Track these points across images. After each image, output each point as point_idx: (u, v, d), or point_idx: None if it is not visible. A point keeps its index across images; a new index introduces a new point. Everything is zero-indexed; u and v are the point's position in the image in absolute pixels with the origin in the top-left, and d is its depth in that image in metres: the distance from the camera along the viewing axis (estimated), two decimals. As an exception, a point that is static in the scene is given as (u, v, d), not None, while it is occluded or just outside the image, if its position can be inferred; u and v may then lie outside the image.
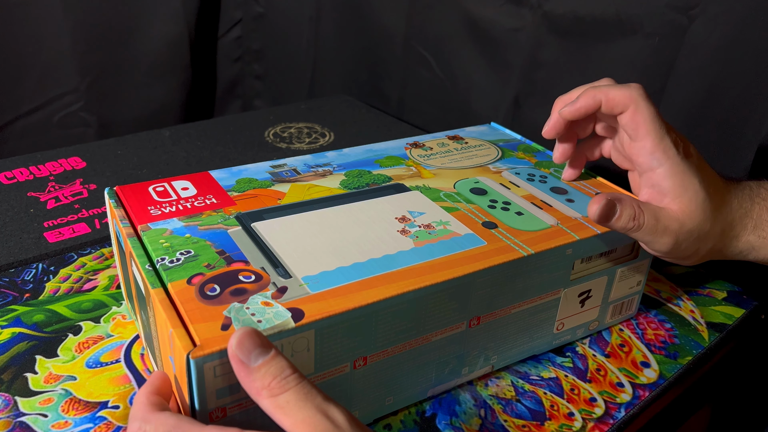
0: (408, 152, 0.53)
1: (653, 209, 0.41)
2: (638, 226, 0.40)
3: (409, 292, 0.35)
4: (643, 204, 0.41)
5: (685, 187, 0.41)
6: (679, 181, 0.41)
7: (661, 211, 0.41)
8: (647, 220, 0.40)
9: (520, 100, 0.76)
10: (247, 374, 0.28)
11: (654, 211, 0.41)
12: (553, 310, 0.44)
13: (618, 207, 0.40)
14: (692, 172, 0.41)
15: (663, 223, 0.41)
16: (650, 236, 0.41)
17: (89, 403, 0.40)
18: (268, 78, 1.12)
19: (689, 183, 0.41)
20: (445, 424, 0.40)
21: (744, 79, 0.56)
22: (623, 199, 0.40)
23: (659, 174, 0.41)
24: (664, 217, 0.41)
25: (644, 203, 0.41)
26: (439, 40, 0.84)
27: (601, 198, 0.40)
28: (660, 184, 0.41)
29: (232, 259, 0.37)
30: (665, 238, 0.41)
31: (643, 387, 0.44)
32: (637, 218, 0.40)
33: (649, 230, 0.41)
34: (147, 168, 0.69)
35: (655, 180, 0.41)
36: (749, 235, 0.43)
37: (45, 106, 0.95)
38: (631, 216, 0.40)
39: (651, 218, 0.40)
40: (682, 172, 0.41)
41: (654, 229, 0.41)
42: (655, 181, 0.41)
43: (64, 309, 0.48)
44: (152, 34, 0.99)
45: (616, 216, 0.40)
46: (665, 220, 0.41)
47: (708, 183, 0.41)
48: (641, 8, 0.62)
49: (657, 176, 0.41)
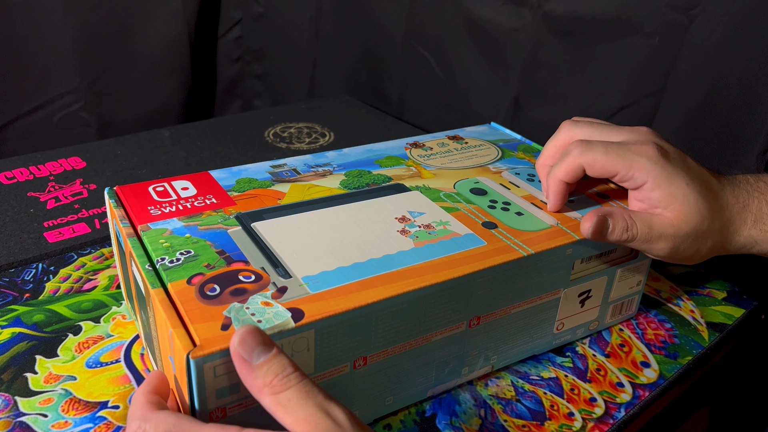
0: (408, 152, 0.53)
1: (645, 218, 0.41)
2: (632, 236, 0.41)
3: (409, 292, 0.35)
4: (634, 214, 0.41)
5: (674, 194, 0.41)
6: (665, 189, 0.41)
7: (654, 218, 0.41)
8: (640, 230, 0.41)
9: (520, 100, 0.76)
10: (248, 372, 0.28)
11: (646, 219, 0.41)
12: (553, 310, 0.44)
13: (610, 222, 0.40)
14: (678, 176, 0.41)
15: (657, 231, 0.41)
16: (646, 244, 0.41)
17: (89, 403, 0.40)
18: (268, 78, 1.12)
19: (676, 189, 0.41)
20: (445, 424, 0.40)
21: (744, 79, 0.56)
22: (614, 213, 0.41)
23: (645, 189, 0.41)
24: (658, 223, 0.41)
25: (636, 213, 0.41)
26: (439, 40, 0.84)
27: (592, 215, 0.40)
28: (648, 197, 0.41)
29: (232, 259, 0.37)
30: (662, 244, 0.41)
31: (643, 387, 0.44)
32: (630, 229, 0.40)
33: (644, 239, 0.41)
34: (147, 168, 0.69)
35: (642, 194, 0.42)
36: (750, 230, 0.43)
37: (45, 106, 0.95)
38: (624, 228, 0.40)
39: (644, 227, 0.41)
40: (667, 179, 0.41)
41: (649, 237, 0.41)
42: (644, 195, 0.42)
43: (64, 309, 0.48)
44: (152, 34, 0.99)
45: (609, 230, 0.40)
46: (659, 226, 0.41)
47: (697, 182, 0.41)
48: (641, 8, 0.62)
49: (643, 192, 0.41)
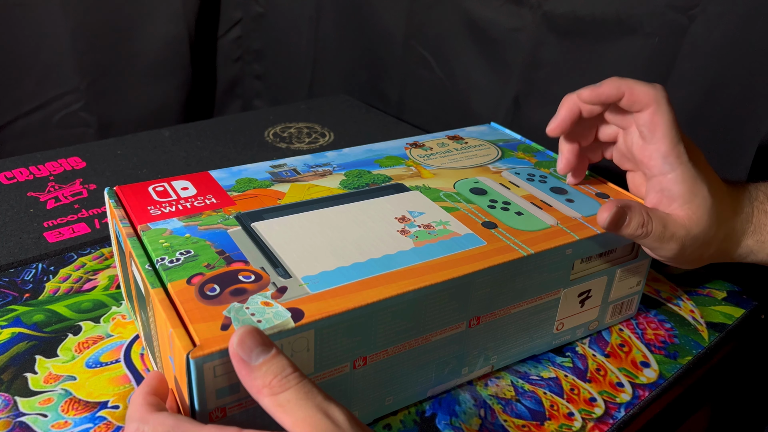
0: (408, 152, 0.53)
1: (661, 216, 0.41)
2: (647, 233, 0.40)
3: (409, 292, 0.35)
4: (651, 211, 0.41)
5: (695, 193, 0.41)
6: (689, 186, 0.41)
7: (669, 218, 0.41)
8: (655, 227, 0.40)
9: (520, 100, 0.76)
10: (248, 372, 0.28)
11: (662, 218, 0.41)
12: (552, 310, 0.44)
13: (627, 214, 0.40)
14: (701, 179, 0.41)
15: (670, 230, 0.41)
16: (657, 243, 0.41)
17: (89, 403, 0.40)
18: (268, 78, 1.12)
19: (698, 189, 0.41)
20: (444, 424, 0.40)
21: (744, 79, 0.56)
22: (632, 207, 0.40)
23: (670, 179, 0.41)
24: (672, 223, 0.41)
25: (652, 210, 0.41)
26: (439, 40, 0.84)
27: (611, 205, 0.40)
28: (670, 188, 0.41)
29: (231, 259, 0.37)
30: (671, 245, 0.41)
31: (643, 387, 0.44)
32: (645, 225, 0.40)
33: (657, 237, 0.41)
34: (147, 168, 0.69)
35: (664, 184, 0.41)
36: (748, 239, 0.43)
37: (45, 106, 0.95)
38: (640, 223, 0.40)
39: (659, 225, 0.40)
40: (693, 178, 0.41)
41: (662, 236, 0.41)
42: (665, 186, 0.41)
43: (64, 309, 0.48)
44: (152, 34, 0.99)
45: (626, 223, 0.40)
46: (672, 227, 0.41)
47: (715, 189, 0.42)
48: (641, 8, 0.62)
49: (667, 181, 0.41)
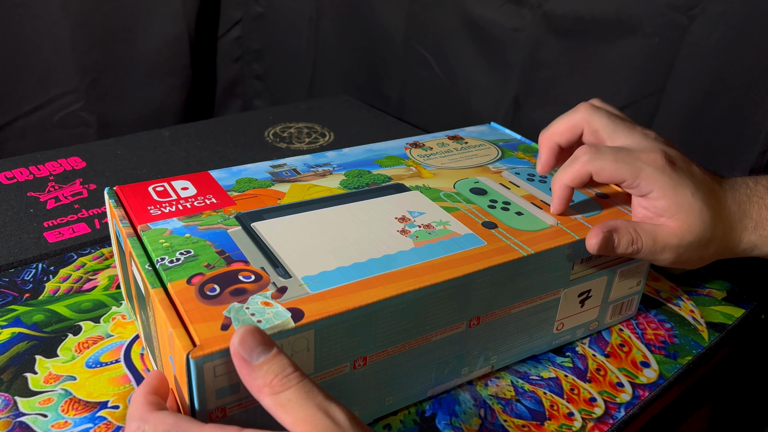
0: (408, 152, 0.53)
1: (650, 230, 0.41)
2: (637, 249, 0.41)
3: (409, 292, 0.35)
4: (638, 226, 0.41)
5: (679, 204, 0.40)
6: (671, 199, 0.40)
7: (658, 229, 0.41)
8: (645, 243, 0.41)
9: (520, 100, 0.76)
10: (248, 372, 0.28)
11: (651, 231, 0.41)
12: (552, 310, 0.44)
13: (615, 236, 0.40)
14: (683, 184, 0.41)
15: (661, 242, 0.41)
16: (651, 256, 0.41)
17: (89, 403, 0.40)
18: (268, 78, 1.12)
19: (682, 198, 0.40)
20: (444, 424, 0.40)
21: (744, 79, 0.56)
22: (619, 227, 0.40)
23: (651, 197, 0.41)
24: (662, 235, 0.41)
25: (640, 225, 0.41)
26: (439, 40, 0.84)
27: (597, 231, 0.40)
28: (653, 205, 0.41)
29: (231, 259, 0.37)
30: (666, 255, 0.41)
31: (643, 387, 0.44)
32: (635, 243, 0.40)
33: (649, 252, 0.41)
34: (147, 168, 0.69)
35: (647, 203, 0.42)
36: (750, 235, 0.43)
37: (45, 106, 0.95)
38: (630, 242, 0.40)
39: (649, 240, 0.41)
40: (673, 189, 0.40)
41: (653, 249, 0.41)
42: (648, 204, 0.41)
43: (64, 309, 0.48)
44: (152, 34, 0.99)
45: (615, 245, 0.40)
46: (663, 238, 0.41)
47: (702, 190, 0.41)
48: (641, 8, 0.62)
49: (648, 200, 0.41)
